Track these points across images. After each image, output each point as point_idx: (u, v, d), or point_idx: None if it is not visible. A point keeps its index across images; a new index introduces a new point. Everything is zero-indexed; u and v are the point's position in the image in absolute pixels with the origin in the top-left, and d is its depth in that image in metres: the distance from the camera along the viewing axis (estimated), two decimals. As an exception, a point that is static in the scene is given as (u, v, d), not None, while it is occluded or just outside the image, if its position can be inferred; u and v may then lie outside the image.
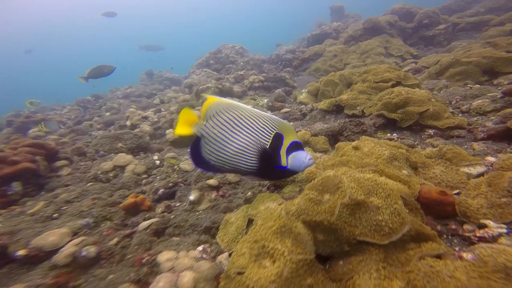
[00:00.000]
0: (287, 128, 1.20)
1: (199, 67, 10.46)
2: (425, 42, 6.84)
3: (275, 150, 1.17)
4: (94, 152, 3.62)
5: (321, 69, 7.50)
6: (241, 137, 1.17)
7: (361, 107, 2.88)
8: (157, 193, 2.69)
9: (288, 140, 1.18)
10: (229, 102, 1.22)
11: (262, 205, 1.62)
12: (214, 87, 6.18)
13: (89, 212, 2.35)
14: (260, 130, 1.17)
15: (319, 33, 10.09)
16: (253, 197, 2.07)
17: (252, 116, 1.19)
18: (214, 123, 1.20)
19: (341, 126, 2.53)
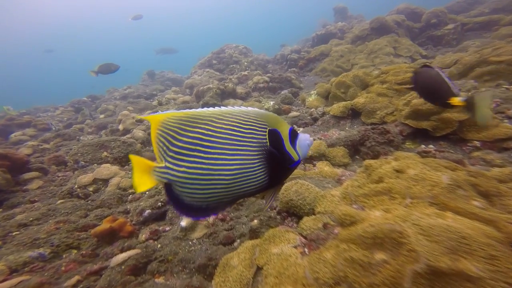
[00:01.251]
0: (273, 119, 0.99)
1: (201, 67, 10.12)
2: (433, 42, 6.45)
3: (280, 149, 0.98)
4: (73, 163, 3.17)
5: (327, 69, 7.11)
6: (230, 155, 0.90)
7: (381, 113, 2.43)
8: (142, 215, 2.23)
9: (285, 131, 1.00)
10: (182, 114, 0.91)
11: (274, 247, 1.16)
12: (216, 88, 5.75)
13: (47, 240, 1.88)
14: (250, 135, 0.93)
15: (324, 33, 9.76)
16: (261, 226, 1.60)
17: (229, 121, 0.91)
18: (176, 157, 0.90)
19: (362, 135, 2.08)
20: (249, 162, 0.92)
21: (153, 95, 9.15)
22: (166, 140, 0.90)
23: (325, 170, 1.80)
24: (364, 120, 2.58)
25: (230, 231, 1.83)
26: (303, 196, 1.45)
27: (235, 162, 0.90)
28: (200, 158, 0.89)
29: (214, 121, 0.91)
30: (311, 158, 2.16)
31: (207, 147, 0.89)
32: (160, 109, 6.42)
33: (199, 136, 0.89)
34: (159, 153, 0.92)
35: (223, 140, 0.90)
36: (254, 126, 0.95)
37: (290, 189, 1.59)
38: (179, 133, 0.89)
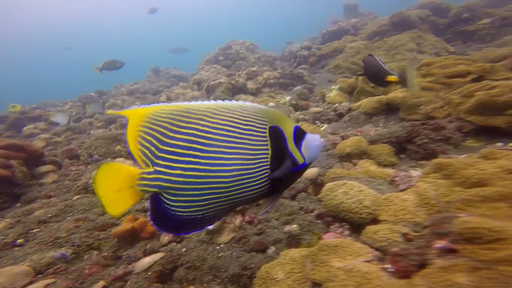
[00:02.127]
0: (275, 115, 0.88)
1: (208, 63, 10.10)
2: (462, 38, 6.13)
3: (282, 149, 0.87)
4: (87, 156, 3.03)
5: (342, 66, 6.87)
6: (228, 153, 0.79)
7: (426, 108, 2.22)
8: None
9: (289, 129, 0.89)
10: (174, 108, 0.80)
11: (336, 260, 0.99)
12: (227, 83, 5.59)
13: (68, 239, 1.74)
14: (249, 131, 0.82)
15: (336, 30, 9.51)
16: (302, 232, 1.43)
17: (225, 116, 0.81)
18: (168, 158, 0.77)
19: (409, 131, 1.88)
20: (248, 162, 0.81)
21: (159, 91, 9.15)
22: (154, 138, 0.76)
23: (372, 170, 1.62)
24: (404, 116, 2.37)
25: (260, 236, 1.66)
26: (358, 199, 1.27)
27: (234, 162, 0.79)
28: (196, 157, 0.77)
29: (209, 115, 0.79)
30: (349, 156, 1.97)
31: (204, 144, 0.78)
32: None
33: (194, 132, 0.77)
34: (144, 156, 0.77)
35: (220, 137, 0.79)
36: (253, 122, 0.83)
37: (336, 190, 1.41)
38: (171, 130, 0.77)
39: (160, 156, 0.77)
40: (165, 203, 0.79)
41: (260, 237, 1.63)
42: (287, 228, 1.59)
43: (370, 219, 1.19)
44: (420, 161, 1.77)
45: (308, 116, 3.46)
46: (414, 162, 1.79)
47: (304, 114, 3.53)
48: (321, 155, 2.20)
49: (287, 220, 1.70)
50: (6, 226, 1.94)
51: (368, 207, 1.20)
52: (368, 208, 1.20)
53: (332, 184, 1.48)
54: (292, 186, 1.96)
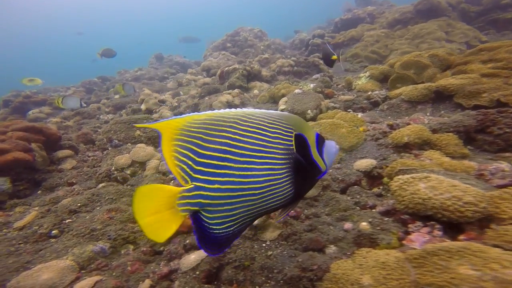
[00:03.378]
0: (299, 122, 0.87)
1: (215, 50, 9.84)
2: (497, 27, 5.78)
3: (307, 157, 0.85)
4: (107, 141, 2.83)
5: (361, 55, 6.58)
6: (259, 164, 0.77)
7: (493, 95, 2.00)
8: None
9: (312, 136, 0.88)
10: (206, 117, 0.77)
11: (466, 268, 0.81)
12: (242, 69, 5.33)
13: (104, 232, 1.57)
14: (277, 139, 0.80)
15: (351, 18, 9.13)
16: (377, 231, 1.25)
17: (253, 123, 0.79)
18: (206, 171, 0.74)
19: (481, 120, 1.68)
20: (276, 171, 0.79)
21: (165, 77, 8.93)
22: (190, 151, 0.73)
23: (447, 162, 1.43)
24: (463, 102, 2.15)
25: (313, 233, 1.48)
26: (453, 195, 1.08)
27: (264, 172, 0.77)
28: (230, 169, 0.74)
29: (239, 123, 0.77)
30: (407, 146, 1.78)
31: (236, 154, 0.75)
32: (182, 91, 6.04)
33: (226, 141, 0.75)
34: (182, 172, 0.73)
35: (250, 146, 0.76)
36: (280, 130, 0.82)
37: (416, 184, 1.22)
38: (206, 140, 0.74)
39: (197, 170, 0.73)
40: (204, 221, 0.76)
41: (314, 234, 1.46)
42: (348, 225, 1.42)
43: (476, 219, 1.01)
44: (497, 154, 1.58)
45: (338, 104, 3.25)
46: (490, 154, 1.61)
47: (334, 102, 3.31)
48: (370, 145, 2.01)
49: (342, 216, 1.53)
50: (37, 215, 1.77)
51: (473, 204, 1.02)
52: (473, 206, 1.02)
53: (407, 177, 1.29)
54: (342, 178, 1.78)
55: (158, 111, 4.38)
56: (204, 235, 0.77)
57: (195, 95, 5.11)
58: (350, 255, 1.19)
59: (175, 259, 1.52)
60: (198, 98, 4.83)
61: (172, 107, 4.60)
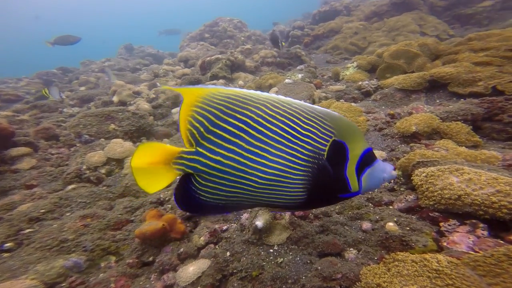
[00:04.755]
0: (347, 128, 0.75)
1: (192, 41, 9.39)
2: (460, 22, 6.13)
3: (338, 171, 0.75)
4: (75, 136, 2.41)
5: (340, 47, 6.61)
6: (273, 155, 0.72)
7: (488, 83, 2.01)
8: None
9: (356, 150, 0.75)
10: (232, 92, 0.73)
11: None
12: (225, 59, 5.02)
13: (77, 243, 1.27)
14: (307, 138, 0.73)
15: (328, 10, 9.22)
16: (407, 233, 1.13)
17: (286, 111, 0.72)
18: (214, 141, 0.72)
19: (488, 107, 1.65)
20: (290, 169, 0.73)
21: (137, 69, 8.32)
22: (206, 119, 0.72)
23: (465, 152, 1.36)
24: (458, 90, 2.14)
25: (327, 235, 1.34)
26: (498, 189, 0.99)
27: (275, 165, 0.72)
28: (240, 148, 0.72)
29: (268, 107, 0.73)
30: (415, 135, 1.71)
31: (252, 136, 0.72)
32: (159, 82, 5.56)
33: (246, 120, 0.72)
34: (191, 136, 0.73)
35: (270, 134, 0.72)
36: (316, 129, 0.74)
37: (446, 178, 1.12)
38: (225, 112, 0.72)
39: (206, 137, 0.72)
40: (193, 184, 0.75)
41: (329, 237, 1.31)
42: (366, 225, 1.29)
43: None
44: (507, 142, 1.56)
45: (330, 94, 3.15)
46: (499, 143, 1.59)
47: (325, 92, 3.21)
48: (374, 135, 1.92)
49: (357, 215, 1.40)
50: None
51: None
52: None
53: (432, 170, 1.19)
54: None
55: (134, 103, 3.93)
56: (186, 196, 0.77)
57: (174, 86, 4.71)
58: (378, 260, 1.06)
59: (169, 271, 1.29)
60: (179, 88, 4.45)
61: (149, 99, 4.17)
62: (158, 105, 3.74)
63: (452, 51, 2.65)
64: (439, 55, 2.80)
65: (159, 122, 3.47)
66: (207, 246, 1.49)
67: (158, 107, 3.71)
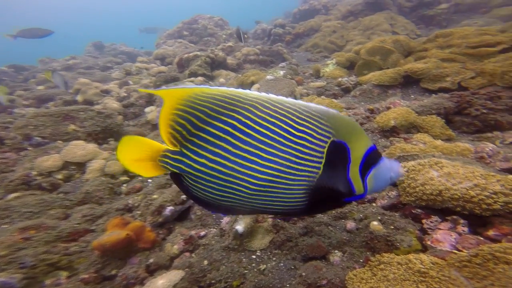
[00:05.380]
0: (346, 125, 0.69)
1: (170, 38, 9.07)
2: (425, 22, 6.46)
3: (340, 174, 0.69)
4: (22, 139, 2.11)
5: (320, 45, 6.70)
6: (264, 159, 0.67)
7: (455, 78, 2.07)
8: (162, 213, 1.50)
9: (359, 150, 0.69)
10: (218, 92, 0.68)
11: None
12: (205, 56, 4.83)
13: (12, 259, 1.06)
14: (301, 140, 0.67)
15: (308, 9, 9.37)
16: (392, 233, 1.06)
17: (277, 112, 0.67)
18: (198, 144, 0.68)
19: (458, 101, 1.68)
20: (286, 174, 0.68)
21: (108, 67, 7.77)
22: (188, 121, 0.67)
23: (441, 145, 1.35)
24: (427, 86, 2.19)
25: (311, 237, 1.26)
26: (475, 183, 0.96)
27: (267, 171, 0.67)
28: (226, 152, 0.67)
29: (258, 107, 0.67)
30: (394, 130, 1.69)
31: (240, 140, 0.67)
32: (131, 80, 5.20)
33: (233, 122, 0.67)
34: (173, 138, 0.69)
35: (260, 137, 0.67)
36: (312, 129, 0.67)
37: (427, 172, 1.08)
38: (210, 115, 0.67)
39: (189, 140, 0.69)
40: (184, 181, 0.73)
41: (313, 239, 1.23)
42: (350, 225, 1.23)
43: (509, 211, 0.90)
44: (475, 135, 1.59)
45: (311, 91, 3.11)
46: (469, 135, 1.61)
47: (307, 89, 3.16)
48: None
49: (340, 214, 1.34)
50: None
51: (503, 194, 0.89)
52: (503, 196, 0.89)
53: (413, 164, 1.15)
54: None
55: (101, 102, 3.61)
56: (182, 185, 0.74)
57: (149, 84, 4.43)
58: (364, 263, 0.99)
59: (135, 285, 1.13)
60: (153, 88, 4.18)
61: (120, 98, 3.86)
62: (130, 104, 3.46)
63: (422, 48, 2.72)
64: (411, 51, 2.86)
65: (131, 122, 3.22)
66: (182, 255, 1.35)
67: (129, 106, 3.44)
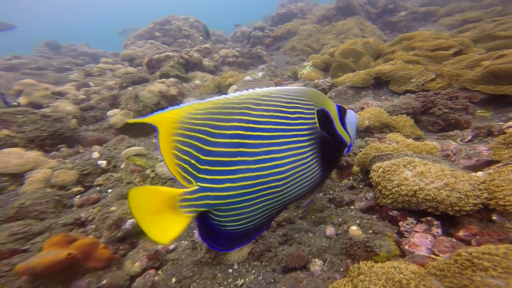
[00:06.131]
0: (318, 96, 0.79)
1: (139, 39, 8.66)
2: (389, 28, 6.86)
3: (332, 132, 0.79)
4: None
5: (297, 48, 6.80)
6: (280, 151, 0.68)
7: (418, 80, 2.14)
8: (122, 227, 1.32)
9: (333, 110, 0.81)
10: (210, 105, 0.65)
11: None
12: (178, 57, 4.61)
13: None
14: (298, 120, 0.72)
15: (286, 12, 9.53)
16: (371, 238, 1.00)
17: (269, 105, 0.69)
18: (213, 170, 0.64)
19: (424, 101, 1.71)
20: (302, 155, 0.72)
21: (66, 68, 7.10)
22: (193, 147, 0.62)
23: (412, 144, 1.34)
24: (395, 88, 2.25)
25: (291, 245, 1.17)
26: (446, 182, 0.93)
27: (288, 160, 0.68)
28: (245, 163, 0.64)
29: (252, 108, 0.67)
30: (368, 130, 1.67)
31: (252, 145, 0.65)
32: (92, 81, 4.78)
33: (238, 132, 0.64)
34: (184, 172, 0.63)
35: (268, 133, 0.67)
36: (301, 107, 0.74)
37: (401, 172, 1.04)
38: (212, 133, 0.63)
39: (203, 170, 0.63)
40: (214, 220, 0.67)
41: (293, 248, 1.13)
42: (330, 230, 1.15)
43: (475, 211, 0.87)
44: (439, 133, 1.62)
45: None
46: (434, 134, 1.64)
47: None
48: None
49: (320, 219, 1.26)
50: None
51: (475, 197, 0.86)
52: (472, 198, 0.86)
53: (388, 164, 1.11)
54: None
55: (52, 104, 3.22)
56: (212, 233, 0.69)
57: (114, 85, 4.10)
58: (344, 271, 0.92)
59: None
60: (118, 89, 3.87)
61: (78, 100, 3.50)
62: (89, 106, 3.15)
63: (390, 50, 2.81)
64: (380, 54, 2.95)
65: (91, 127, 2.92)
66: (145, 273, 1.18)
67: (89, 109, 3.12)
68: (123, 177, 1.82)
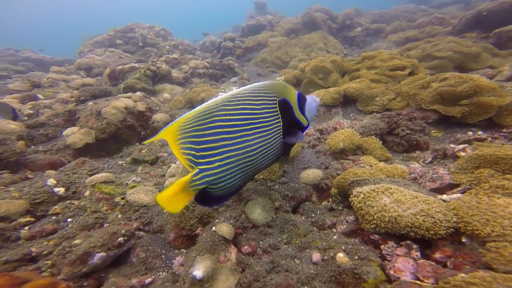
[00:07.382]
0: (281, 87, 1.06)
1: (97, 46, 8.04)
2: (348, 43, 7.45)
3: (290, 118, 1.07)
4: None
5: (268, 60, 6.96)
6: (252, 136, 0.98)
7: (382, 99, 2.33)
8: (88, 262, 1.16)
9: (293, 98, 1.08)
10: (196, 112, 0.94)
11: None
12: (144, 69, 4.35)
13: None
14: (263, 109, 0.99)
15: (255, 24, 9.72)
16: (358, 264, 1.02)
17: (240, 100, 0.96)
18: (207, 154, 0.94)
19: (389, 122, 1.86)
20: (266, 136, 1.00)
21: (3, 76, 6.26)
22: (191, 143, 0.92)
23: (384, 168, 1.43)
24: (362, 108, 2.41)
25: (278, 272, 1.16)
26: (420, 209, 1.01)
27: (256, 140, 0.98)
28: (226, 146, 0.94)
29: (226, 105, 0.94)
30: (343, 152, 1.75)
31: (230, 133, 0.94)
32: (41, 94, 4.23)
33: (219, 124, 0.93)
34: (189, 162, 0.94)
35: (241, 122, 0.95)
36: (265, 99, 0.99)
37: (380, 198, 1.11)
38: (201, 130, 0.92)
39: (199, 156, 0.93)
40: (209, 190, 0.98)
41: (281, 276, 1.11)
42: (316, 256, 1.16)
43: (448, 234, 0.96)
44: (403, 154, 1.76)
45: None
46: (399, 155, 1.77)
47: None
48: (309, 153, 1.89)
49: (304, 244, 1.27)
50: None
51: (445, 222, 0.95)
52: (445, 222, 0.95)
53: (367, 190, 1.17)
54: (292, 195, 1.53)
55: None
56: (207, 199, 0.98)
57: (69, 99, 3.69)
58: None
59: None
60: (75, 104, 3.49)
61: (24, 116, 3.05)
62: (39, 123, 2.77)
63: (354, 68, 3.04)
64: (345, 71, 3.16)
65: (41, 147, 2.55)
66: None
67: (38, 127, 2.74)
68: (87, 206, 1.62)
